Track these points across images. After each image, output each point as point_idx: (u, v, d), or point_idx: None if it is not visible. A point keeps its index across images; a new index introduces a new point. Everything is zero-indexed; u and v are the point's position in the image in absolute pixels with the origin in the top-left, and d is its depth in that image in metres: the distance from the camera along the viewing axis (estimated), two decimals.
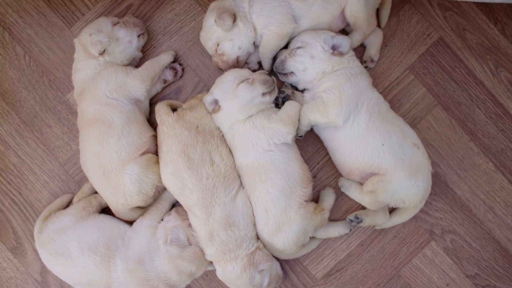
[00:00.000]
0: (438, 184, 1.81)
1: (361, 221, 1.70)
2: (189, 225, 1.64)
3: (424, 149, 1.65)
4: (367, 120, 1.59)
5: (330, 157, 1.75)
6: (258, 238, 1.66)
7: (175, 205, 1.76)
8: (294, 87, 1.76)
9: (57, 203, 1.79)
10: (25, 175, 1.85)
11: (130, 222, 1.71)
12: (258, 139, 1.61)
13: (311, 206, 1.63)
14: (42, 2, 1.86)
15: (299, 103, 1.67)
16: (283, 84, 1.78)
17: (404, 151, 1.59)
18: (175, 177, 1.60)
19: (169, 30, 1.86)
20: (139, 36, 1.75)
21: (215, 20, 1.63)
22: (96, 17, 1.84)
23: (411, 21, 1.84)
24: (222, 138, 1.68)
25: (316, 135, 1.75)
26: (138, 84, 1.67)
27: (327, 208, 1.71)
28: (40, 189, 1.84)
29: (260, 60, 1.78)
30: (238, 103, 1.62)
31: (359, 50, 1.81)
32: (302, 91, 1.74)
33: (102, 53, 1.65)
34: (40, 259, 1.70)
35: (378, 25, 1.80)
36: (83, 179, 1.83)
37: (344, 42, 1.62)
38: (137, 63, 1.81)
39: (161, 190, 1.72)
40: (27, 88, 1.86)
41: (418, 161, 1.60)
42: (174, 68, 1.82)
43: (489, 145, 1.82)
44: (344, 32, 1.77)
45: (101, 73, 1.66)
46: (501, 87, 1.83)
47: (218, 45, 1.69)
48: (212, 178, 1.58)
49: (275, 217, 1.59)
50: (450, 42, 1.84)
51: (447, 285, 1.81)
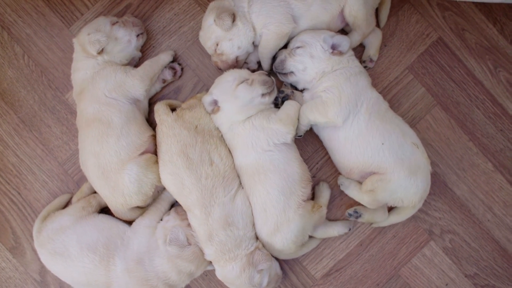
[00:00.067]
0: (437, 184, 1.81)
1: (360, 216, 1.70)
2: (188, 225, 1.64)
3: (424, 148, 1.66)
4: (367, 119, 1.59)
5: (329, 157, 1.75)
6: (257, 238, 1.66)
7: (174, 205, 1.76)
8: (293, 87, 1.76)
9: (56, 203, 1.79)
10: (24, 175, 1.84)
11: (129, 222, 1.71)
12: (257, 139, 1.60)
13: (309, 204, 1.63)
14: (41, 2, 1.86)
15: (298, 103, 1.67)
16: (283, 83, 1.78)
17: (404, 150, 1.59)
18: (174, 177, 1.60)
19: (168, 30, 1.86)
20: (138, 35, 1.75)
21: (214, 20, 1.63)
22: (95, 17, 1.84)
23: (410, 21, 1.84)
24: (221, 138, 1.68)
25: (315, 134, 1.75)
26: (137, 83, 1.67)
27: (324, 204, 1.71)
28: (39, 188, 1.84)
29: (259, 60, 1.78)
30: (238, 103, 1.62)
31: (358, 50, 1.81)
32: (301, 90, 1.74)
33: (100, 52, 1.65)
34: (39, 259, 1.70)
35: (377, 25, 1.80)
36: (82, 179, 1.83)
37: (344, 42, 1.62)
38: (136, 62, 1.80)
39: (160, 190, 1.72)
40: (26, 87, 1.85)
41: (418, 160, 1.61)
42: (173, 68, 1.81)
43: (488, 145, 1.82)
44: (343, 32, 1.77)
45: (100, 72, 1.66)
46: (500, 87, 1.83)
47: (217, 44, 1.69)
48: (211, 178, 1.58)
49: (274, 217, 1.59)
50: (449, 42, 1.84)
51: (446, 284, 1.81)
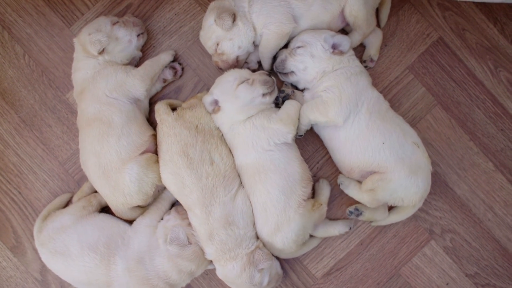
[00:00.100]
0: (438, 184, 1.81)
1: (361, 214, 1.70)
2: (189, 224, 1.64)
3: (424, 148, 1.66)
4: (368, 119, 1.59)
5: (329, 156, 1.75)
6: (258, 237, 1.66)
7: (175, 204, 1.76)
8: (294, 87, 1.76)
9: (57, 202, 1.79)
10: (24, 174, 1.84)
11: (130, 221, 1.71)
12: (258, 139, 1.60)
13: (309, 203, 1.63)
14: (41, 1, 1.86)
15: (299, 103, 1.67)
16: (283, 83, 1.78)
17: (404, 150, 1.59)
18: (175, 176, 1.60)
19: (169, 30, 1.86)
20: (138, 35, 1.75)
21: (215, 20, 1.63)
22: (96, 17, 1.84)
23: (410, 20, 1.84)
24: (221, 137, 1.68)
25: (315, 134, 1.75)
26: (137, 83, 1.67)
27: (324, 201, 1.71)
28: (40, 188, 1.84)
29: (260, 60, 1.78)
30: (238, 103, 1.62)
31: (359, 50, 1.81)
32: (302, 90, 1.74)
33: (101, 52, 1.65)
34: (40, 258, 1.70)
35: (378, 24, 1.80)
36: (83, 178, 1.83)
37: (344, 41, 1.62)
38: (136, 62, 1.81)
39: (160, 189, 1.72)
40: (26, 87, 1.86)
41: (418, 160, 1.61)
42: (173, 68, 1.81)
43: (489, 145, 1.82)
44: (344, 32, 1.77)
45: (100, 72, 1.66)
46: (501, 87, 1.83)
47: (217, 44, 1.69)
48: (211, 177, 1.58)
49: (275, 216, 1.59)
50: (449, 42, 1.84)
51: (447, 284, 1.81)
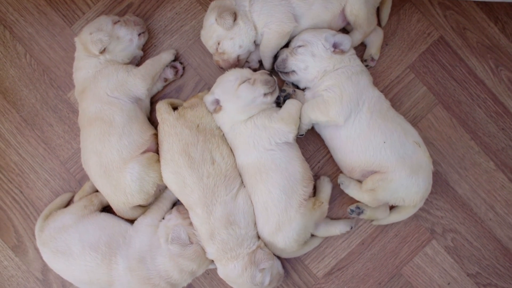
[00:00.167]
0: (439, 183, 1.81)
1: (362, 212, 1.69)
2: (190, 223, 1.64)
3: (425, 147, 1.65)
4: (369, 118, 1.59)
5: (330, 156, 1.75)
6: (259, 237, 1.66)
7: (176, 203, 1.76)
8: (295, 86, 1.76)
9: (58, 201, 1.79)
10: (26, 174, 1.85)
11: (131, 221, 1.71)
12: (259, 139, 1.60)
13: (310, 202, 1.62)
14: (43, 1, 1.86)
15: (300, 102, 1.67)
16: (284, 82, 1.78)
17: (406, 149, 1.59)
18: (176, 175, 1.60)
19: (170, 29, 1.86)
20: (139, 34, 1.75)
21: (216, 19, 1.63)
22: (97, 16, 1.84)
23: (411, 20, 1.84)
24: (222, 137, 1.68)
25: (317, 133, 1.75)
26: (139, 82, 1.67)
27: (326, 199, 1.70)
28: (41, 187, 1.84)
29: (260, 59, 1.78)
30: (240, 103, 1.61)
31: (360, 49, 1.81)
32: (303, 89, 1.74)
33: (102, 51, 1.65)
34: (41, 257, 1.70)
35: (379, 23, 1.80)
36: (84, 178, 1.83)
37: (345, 40, 1.62)
38: (138, 61, 1.81)
39: (162, 189, 1.72)
40: (28, 86, 1.86)
41: (419, 159, 1.60)
42: (174, 67, 1.81)
43: (490, 144, 1.82)
44: (345, 31, 1.77)
45: (102, 71, 1.66)
46: (502, 86, 1.83)
47: (218, 43, 1.69)
48: (213, 177, 1.58)
49: (276, 216, 1.59)
50: (450, 41, 1.84)
51: (448, 283, 1.80)
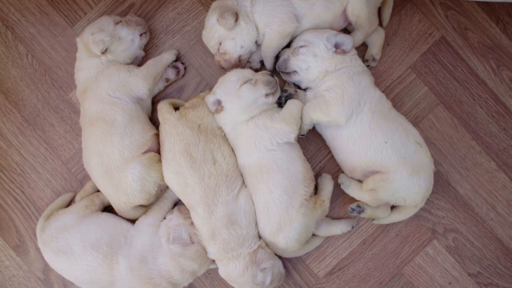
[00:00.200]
0: (440, 183, 1.81)
1: (363, 211, 1.69)
2: (192, 223, 1.64)
3: (427, 147, 1.65)
4: (370, 118, 1.59)
5: (332, 156, 1.75)
6: (260, 236, 1.66)
7: (178, 203, 1.76)
8: (296, 86, 1.76)
9: (59, 201, 1.79)
10: (27, 174, 1.85)
11: (133, 221, 1.71)
12: (261, 139, 1.60)
13: (311, 201, 1.62)
14: (44, 1, 1.87)
15: (301, 102, 1.67)
16: (286, 82, 1.78)
17: (407, 149, 1.59)
18: (178, 175, 1.60)
19: (172, 29, 1.86)
20: (141, 35, 1.75)
21: (217, 19, 1.63)
22: (99, 16, 1.84)
23: (413, 20, 1.84)
24: (224, 137, 1.68)
25: (318, 133, 1.75)
26: (140, 82, 1.67)
27: (327, 196, 1.70)
28: (43, 187, 1.85)
29: (262, 59, 1.78)
30: (241, 104, 1.61)
31: (361, 49, 1.81)
32: (304, 89, 1.74)
33: (104, 52, 1.66)
34: (42, 257, 1.70)
35: (380, 24, 1.80)
36: (86, 178, 1.83)
37: (347, 40, 1.62)
38: (139, 61, 1.81)
39: (163, 189, 1.72)
40: (29, 86, 1.86)
41: (421, 159, 1.60)
42: (176, 67, 1.82)
43: (491, 144, 1.82)
44: (346, 31, 1.77)
45: (103, 72, 1.66)
46: (503, 86, 1.83)
47: (220, 44, 1.69)
48: (214, 176, 1.58)
49: (277, 216, 1.59)
50: (451, 41, 1.84)
51: (450, 283, 1.80)
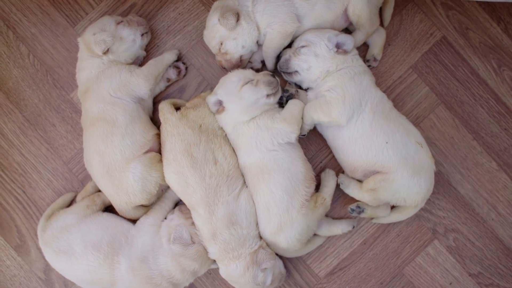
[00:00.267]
0: (441, 183, 1.81)
1: (363, 211, 1.69)
2: (192, 223, 1.64)
3: (428, 147, 1.65)
4: (371, 118, 1.59)
5: (333, 156, 1.75)
6: (261, 237, 1.66)
7: (179, 203, 1.76)
8: (298, 86, 1.76)
9: (61, 201, 1.79)
10: (29, 174, 1.85)
11: (134, 221, 1.71)
12: (262, 139, 1.60)
13: (312, 201, 1.62)
14: (46, 1, 1.87)
15: (302, 102, 1.67)
16: (287, 82, 1.78)
17: (408, 149, 1.59)
18: (179, 175, 1.60)
19: (173, 29, 1.86)
20: (142, 35, 1.75)
21: (219, 19, 1.63)
22: (100, 16, 1.84)
23: (414, 20, 1.84)
24: (225, 137, 1.68)
25: (319, 133, 1.75)
26: (141, 83, 1.68)
27: (329, 194, 1.69)
28: (44, 187, 1.85)
29: (263, 59, 1.78)
30: (243, 104, 1.61)
31: (362, 49, 1.81)
32: (306, 89, 1.74)
33: (106, 52, 1.66)
34: (43, 257, 1.71)
35: (381, 24, 1.80)
36: (87, 178, 1.83)
37: (348, 40, 1.62)
38: (140, 62, 1.81)
39: (164, 189, 1.72)
40: (31, 86, 1.86)
41: (422, 160, 1.60)
42: (177, 67, 1.82)
43: (492, 144, 1.82)
44: (347, 31, 1.77)
45: (105, 72, 1.66)
46: (504, 86, 1.83)
47: (221, 44, 1.69)
48: (215, 177, 1.58)
49: (277, 216, 1.59)
50: (453, 41, 1.84)
51: (450, 283, 1.80)
